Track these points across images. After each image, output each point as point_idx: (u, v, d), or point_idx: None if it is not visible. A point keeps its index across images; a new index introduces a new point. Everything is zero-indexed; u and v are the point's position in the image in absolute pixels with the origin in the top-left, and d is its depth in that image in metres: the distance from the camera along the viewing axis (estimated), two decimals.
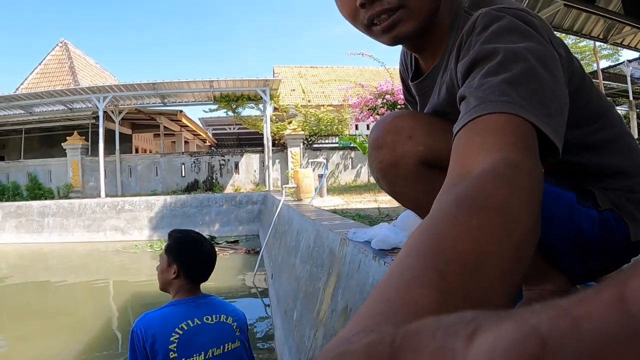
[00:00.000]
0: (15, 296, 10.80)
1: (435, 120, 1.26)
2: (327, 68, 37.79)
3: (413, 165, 1.21)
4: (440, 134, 1.19)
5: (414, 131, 1.22)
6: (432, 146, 1.19)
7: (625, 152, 1.28)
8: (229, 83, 20.73)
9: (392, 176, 1.26)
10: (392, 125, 1.26)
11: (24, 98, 21.95)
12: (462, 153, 0.83)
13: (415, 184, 1.24)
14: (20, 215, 19.02)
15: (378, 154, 1.26)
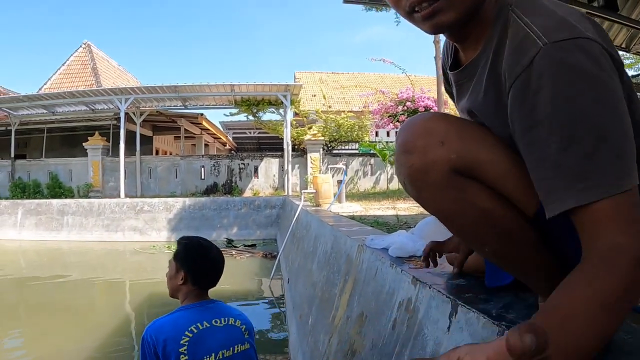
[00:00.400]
0: (32, 292, 10.90)
1: (469, 125, 1.22)
2: (348, 74, 37.80)
3: (444, 173, 1.14)
4: (474, 142, 1.16)
5: (447, 136, 1.15)
6: (465, 155, 1.14)
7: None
8: (250, 87, 20.80)
9: (420, 183, 1.20)
10: (423, 128, 1.19)
11: (47, 98, 22.23)
12: (590, 238, 0.95)
13: (445, 193, 1.18)
14: (40, 213, 19.21)
15: (407, 158, 1.19)
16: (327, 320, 3.94)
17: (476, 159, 1.13)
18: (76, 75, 30.61)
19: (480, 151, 1.13)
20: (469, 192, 1.16)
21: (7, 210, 19.49)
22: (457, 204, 1.18)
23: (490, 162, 1.14)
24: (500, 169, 1.13)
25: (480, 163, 1.13)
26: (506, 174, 1.13)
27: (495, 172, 1.14)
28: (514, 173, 1.13)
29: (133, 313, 8.94)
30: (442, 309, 1.66)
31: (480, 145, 1.14)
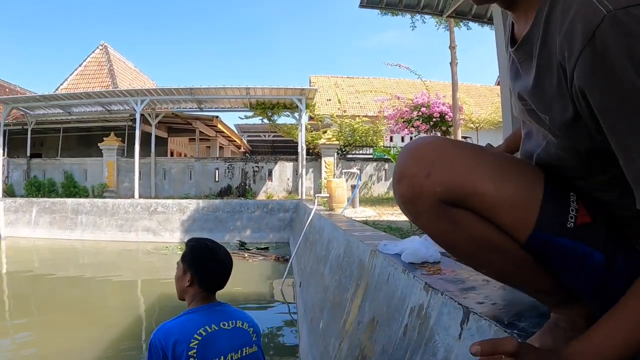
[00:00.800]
0: (45, 290, 10.98)
1: (463, 152, 1.16)
2: (364, 79, 37.74)
3: (432, 204, 1.13)
4: (464, 172, 1.12)
5: (434, 167, 1.12)
6: (452, 186, 1.11)
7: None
8: (266, 91, 20.82)
9: (412, 211, 1.20)
10: (413, 157, 1.18)
11: (64, 98, 22.38)
12: None
13: (436, 222, 1.17)
14: (55, 212, 19.37)
15: (398, 187, 1.20)
16: (338, 325, 3.94)
17: (462, 190, 1.11)
18: (93, 76, 30.82)
19: (468, 182, 1.11)
20: (461, 222, 1.14)
21: (22, 208, 19.67)
22: (450, 233, 1.17)
23: (478, 194, 1.11)
24: (488, 200, 1.11)
25: (468, 195, 1.11)
26: (495, 205, 1.11)
27: (484, 203, 1.11)
28: (503, 204, 1.10)
29: (144, 313, 8.99)
30: (454, 315, 1.66)
31: (470, 175, 1.11)
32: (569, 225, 1.08)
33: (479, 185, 1.10)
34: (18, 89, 31.62)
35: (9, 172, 23.04)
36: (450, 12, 8.31)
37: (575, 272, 1.10)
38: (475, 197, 1.11)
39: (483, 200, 1.11)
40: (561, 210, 1.09)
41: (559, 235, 1.07)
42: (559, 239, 1.07)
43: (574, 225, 1.08)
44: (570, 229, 1.08)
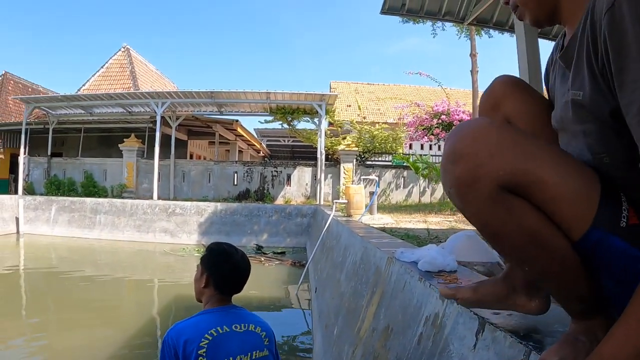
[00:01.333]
0: (61, 287, 11.08)
1: (525, 139, 1.13)
2: (384, 85, 37.75)
3: (491, 189, 1.08)
4: (527, 158, 1.09)
5: (498, 149, 1.08)
6: (515, 172, 1.07)
7: None
8: (286, 95, 20.87)
9: (465, 195, 1.13)
10: (473, 136, 1.12)
11: (85, 99, 22.62)
12: None
13: (490, 209, 1.11)
14: (74, 211, 19.58)
15: (454, 168, 1.11)
16: (352, 332, 3.92)
17: (526, 177, 1.08)
18: (114, 77, 31.14)
19: (531, 170, 1.07)
20: (516, 211, 1.10)
21: (41, 206, 19.92)
22: (503, 222, 1.12)
23: (541, 183, 1.07)
24: (551, 191, 1.08)
25: (530, 183, 1.08)
26: (556, 197, 1.08)
27: (545, 193, 1.08)
28: (565, 196, 1.08)
29: (158, 313, 9.03)
30: (469, 325, 1.65)
31: (533, 162, 1.08)
32: (622, 225, 1.06)
33: (544, 174, 1.07)
34: (40, 89, 32.03)
35: (30, 170, 23.30)
36: (471, 20, 8.28)
37: (618, 276, 1.08)
38: (538, 186, 1.08)
39: (545, 190, 1.08)
40: (615, 209, 1.08)
41: (613, 234, 1.06)
42: (612, 238, 1.06)
43: (626, 225, 1.07)
44: (623, 229, 1.06)
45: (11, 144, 27.36)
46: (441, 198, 21.88)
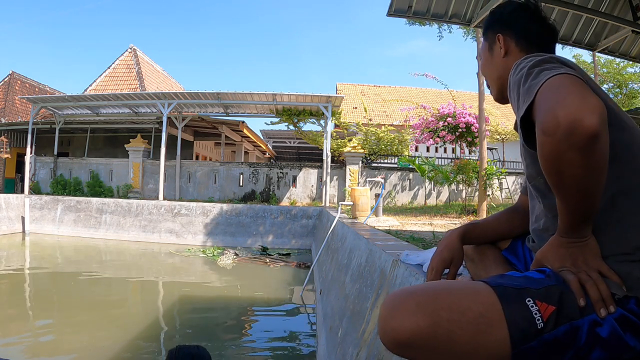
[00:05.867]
0: (67, 287, 11.10)
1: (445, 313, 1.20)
2: (390, 87, 37.72)
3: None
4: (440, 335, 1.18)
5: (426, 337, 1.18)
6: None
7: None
8: (292, 97, 20.86)
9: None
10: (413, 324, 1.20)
11: (92, 99, 22.63)
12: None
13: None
14: (80, 210, 19.63)
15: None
16: (356, 334, 3.91)
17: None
18: (121, 78, 31.22)
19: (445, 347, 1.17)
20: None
21: (47, 206, 19.98)
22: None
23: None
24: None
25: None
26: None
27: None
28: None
29: (163, 314, 9.02)
30: None
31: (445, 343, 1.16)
32: (539, 327, 1.14)
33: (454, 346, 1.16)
34: (47, 89, 32.13)
35: (36, 169, 23.38)
36: (477, 22, 8.29)
37: (579, 350, 1.16)
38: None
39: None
40: (526, 320, 1.15)
41: (536, 338, 1.14)
42: (537, 342, 1.14)
43: (544, 322, 1.15)
44: (542, 328, 1.14)
45: (18, 143, 27.46)
46: (447, 200, 21.87)
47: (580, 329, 1.15)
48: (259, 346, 7.18)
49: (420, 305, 1.18)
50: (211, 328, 8.08)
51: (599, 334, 1.16)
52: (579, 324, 1.16)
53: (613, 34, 8.81)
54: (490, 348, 1.14)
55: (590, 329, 1.16)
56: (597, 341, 1.15)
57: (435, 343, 1.14)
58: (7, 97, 28.61)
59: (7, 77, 30.04)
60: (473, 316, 1.16)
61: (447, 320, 1.15)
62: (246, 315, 9.18)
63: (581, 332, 1.15)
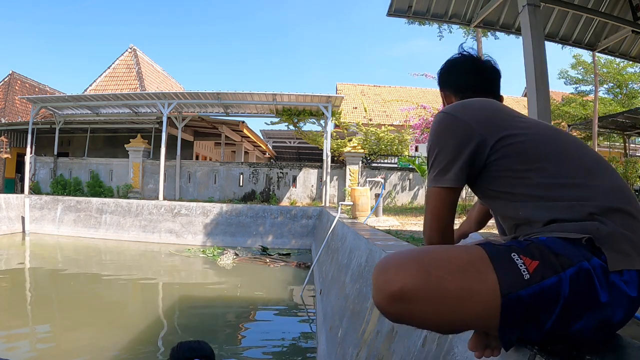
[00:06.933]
0: (66, 287, 11.12)
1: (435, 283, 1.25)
2: (390, 87, 37.73)
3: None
4: (437, 308, 1.25)
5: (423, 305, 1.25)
6: (435, 326, 1.32)
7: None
8: (292, 97, 20.86)
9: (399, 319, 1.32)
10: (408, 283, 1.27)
11: (92, 99, 22.64)
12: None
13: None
14: (80, 210, 19.64)
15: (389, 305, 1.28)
16: (356, 334, 3.91)
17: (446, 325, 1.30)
18: (121, 78, 31.23)
19: (443, 316, 1.25)
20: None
21: (47, 206, 20.00)
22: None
23: (454, 323, 1.28)
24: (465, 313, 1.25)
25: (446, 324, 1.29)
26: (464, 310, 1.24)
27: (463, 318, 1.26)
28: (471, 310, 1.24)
29: (163, 315, 9.02)
30: None
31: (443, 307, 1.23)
32: (526, 278, 1.21)
33: (454, 316, 1.24)
34: (47, 89, 32.13)
35: (36, 169, 23.40)
36: (478, 22, 8.29)
37: (554, 312, 1.22)
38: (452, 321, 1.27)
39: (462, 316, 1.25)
40: (513, 271, 1.22)
41: (524, 287, 1.19)
42: (525, 291, 1.19)
43: (530, 273, 1.21)
44: (529, 279, 1.21)
45: (18, 143, 27.45)
46: None
47: (563, 281, 1.21)
48: (259, 346, 7.18)
49: (411, 258, 1.26)
50: (211, 328, 8.08)
51: (580, 284, 1.22)
52: (562, 277, 1.21)
53: (613, 34, 8.80)
54: (480, 295, 1.20)
55: (573, 279, 1.21)
56: (579, 293, 1.22)
57: (428, 292, 1.20)
58: (7, 97, 28.61)
59: (7, 77, 30.05)
60: (462, 264, 1.24)
61: (437, 267, 1.22)
62: (246, 315, 9.18)
63: (565, 283, 1.21)
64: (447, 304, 1.20)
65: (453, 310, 1.21)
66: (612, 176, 1.48)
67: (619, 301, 1.24)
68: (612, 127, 22.89)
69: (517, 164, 1.49)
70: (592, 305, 1.23)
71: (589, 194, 1.40)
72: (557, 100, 27.82)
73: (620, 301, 1.24)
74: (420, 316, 1.23)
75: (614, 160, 21.49)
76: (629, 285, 1.25)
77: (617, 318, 1.25)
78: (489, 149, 1.51)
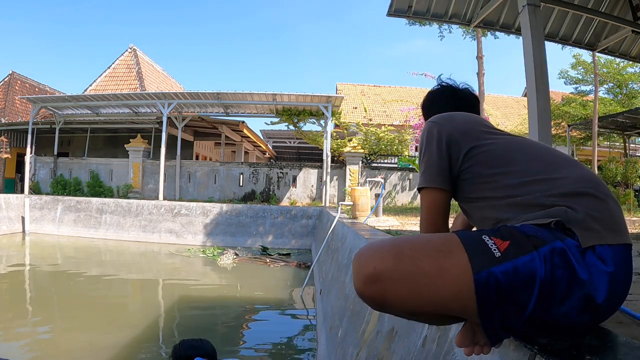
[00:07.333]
0: (66, 287, 11.11)
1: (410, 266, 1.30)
2: (390, 87, 37.73)
3: (399, 311, 1.35)
4: (412, 292, 1.28)
5: (398, 285, 1.28)
6: (409, 308, 1.31)
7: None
8: (292, 97, 20.86)
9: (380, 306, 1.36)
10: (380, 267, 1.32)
11: (92, 99, 22.64)
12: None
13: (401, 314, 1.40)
14: (80, 210, 19.65)
15: (367, 287, 1.31)
16: (356, 334, 3.92)
17: (419, 307, 1.31)
18: (121, 78, 31.23)
19: (417, 300, 1.28)
20: (422, 317, 1.42)
21: (47, 206, 20.02)
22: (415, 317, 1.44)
23: (429, 303, 1.29)
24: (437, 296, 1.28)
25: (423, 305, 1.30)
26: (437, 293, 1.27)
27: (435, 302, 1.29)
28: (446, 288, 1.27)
29: (163, 315, 9.01)
30: None
31: (418, 294, 1.27)
32: (497, 255, 1.26)
33: (429, 296, 1.27)
34: (47, 89, 32.14)
35: (36, 169, 23.41)
36: (478, 22, 8.30)
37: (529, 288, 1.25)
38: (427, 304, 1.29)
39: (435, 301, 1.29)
40: (483, 248, 1.28)
41: (495, 264, 1.24)
42: (497, 268, 1.23)
43: (502, 252, 1.27)
44: (500, 256, 1.26)
45: (18, 143, 27.47)
46: None
47: (537, 259, 1.25)
48: (259, 346, 7.18)
49: (385, 244, 1.32)
50: (211, 328, 8.09)
51: (556, 263, 1.26)
52: (535, 255, 1.26)
53: (613, 34, 8.81)
54: (453, 273, 1.24)
55: (547, 258, 1.26)
56: (556, 271, 1.26)
57: (400, 272, 1.25)
58: (7, 97, 28.62)
59: (7, 77, 30.06)
60: (434, 245, 1.31)
61: (409, 249, 1.29)
62: (246, 315, 9.18)
63: (539, 262, 1.25)
64: (421, 283, 1.24)
65: (427, 290, 1.25)
66: (578, 167, 1.58)
67: (598, 278, 1.28)
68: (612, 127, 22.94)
69: (486, 169, 1.61)
70: (572, 283, 1.26)
71: (555, 184, 1.49)
72: (557, 100, 27.80)
73: (599, 278, 1.28)
74: (396, 297, 1.26)
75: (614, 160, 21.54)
76: (605, 262, 1.30)
77: (601, 296, 1.27)
78: (462, 156, 1.65)
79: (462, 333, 1.38)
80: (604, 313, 1.33)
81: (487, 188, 1.60)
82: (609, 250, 1.32)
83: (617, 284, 1.31)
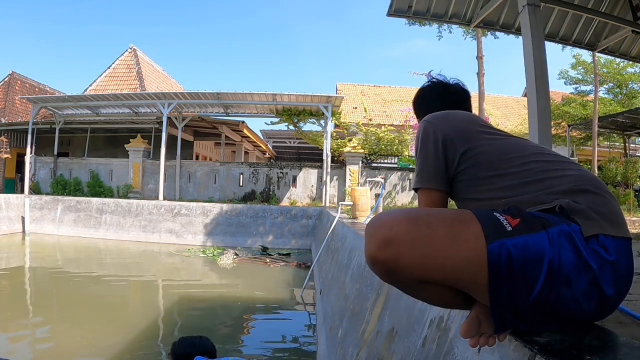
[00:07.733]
0: (66, 286, 11.11)
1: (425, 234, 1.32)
2: (390, 87, 37.70)
3: (409, 281, 1.35)
4: (427, 259, 1.29)
5: (410, 251, 1.30)
6: (422, 275, 1.31)
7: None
8: (292, 97, 20.86)
9: (390, 277, 1.37)
10: (394, 234, 1.34)
11: (92, 99, 22.64)
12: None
13: (411, 289, 1.42)
14: (80, 210, 19.67)
15: (380, 252, 1.31)
16: (356, 334, 3.92)
17: (430, 276, 1.32)
18: (121, 78, 31.23)
19: (431, 268, 1.30)
20: (432, 291, 1.41)
21: (47, 206, 20.03)
22: (424, 295, 1.47)
23: (442, 271, 1.31)
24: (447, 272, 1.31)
25: (434, 277, 1.32)
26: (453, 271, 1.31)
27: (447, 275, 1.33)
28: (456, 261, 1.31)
29: (163, 315, 9.01)
30: None
31: (433, 260, 1.29)
32: (508, 230, 1.29)
33: (444, 265, 1.29)
34: (47, 89, 32.15)
35: (36, 169, 23.42)
36: (478, 22, 8.30)
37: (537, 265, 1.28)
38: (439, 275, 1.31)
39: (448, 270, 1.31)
40: (495, 223, 1.32)
41: (507, 237, 1.27)
42: (509, 240, 1.26)
43: (512, 227, 1.30)
44: (512, 231, 1.29)
45: (18, 143, 27.47)
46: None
47: (545, 238, 1.29)
48: (259, 346, 7.18)
49: (399, 210, 1.36)
50: (211, 328, 8.08)
51: (563, 244, 1.29)
52: (543, 234, 1.29)
53: (613, 34, 8.81)
54: (467, 240, 1.27)
55: (555, 238, 1.29)
56: (563, 251, 1.29)
57: (416, 234, 1.28)
58: (7, 97, 28.63)
59: (7, 77, 30.07)
60: (449, 214, 1.35)
61: (425, 215, 1.34)
62: (246, 315, 9.18)
63: (547, 241, 1.28)
64: (434, 247, 1.27)
65: (441, 255, 1.27)
66: (575, 167, 1.61)
67: (602, 265, 1.30)
68: (612, 127, 22.95)
69: (482, 171, 1.64)
70: (579, 266, 1.28)
71: (555, 183, 1.52)
72: (557, 100, 27.80)
73: (604, 266, 1.31)
74: (409, 261, 1.27)
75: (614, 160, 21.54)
76: (608, 250, 1.32)
77: (606, 283, 1.31)
78: (458, 157, 1.67)
79: (468, 323, 1.39)
80: (608, 301, 1.34)
81: (484, 189, 1.62)
82: (612, 241, 1.34)
83: (620, 273, 1.34)
